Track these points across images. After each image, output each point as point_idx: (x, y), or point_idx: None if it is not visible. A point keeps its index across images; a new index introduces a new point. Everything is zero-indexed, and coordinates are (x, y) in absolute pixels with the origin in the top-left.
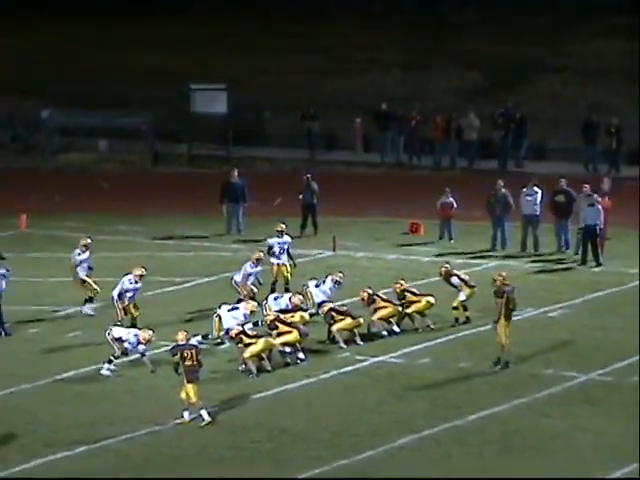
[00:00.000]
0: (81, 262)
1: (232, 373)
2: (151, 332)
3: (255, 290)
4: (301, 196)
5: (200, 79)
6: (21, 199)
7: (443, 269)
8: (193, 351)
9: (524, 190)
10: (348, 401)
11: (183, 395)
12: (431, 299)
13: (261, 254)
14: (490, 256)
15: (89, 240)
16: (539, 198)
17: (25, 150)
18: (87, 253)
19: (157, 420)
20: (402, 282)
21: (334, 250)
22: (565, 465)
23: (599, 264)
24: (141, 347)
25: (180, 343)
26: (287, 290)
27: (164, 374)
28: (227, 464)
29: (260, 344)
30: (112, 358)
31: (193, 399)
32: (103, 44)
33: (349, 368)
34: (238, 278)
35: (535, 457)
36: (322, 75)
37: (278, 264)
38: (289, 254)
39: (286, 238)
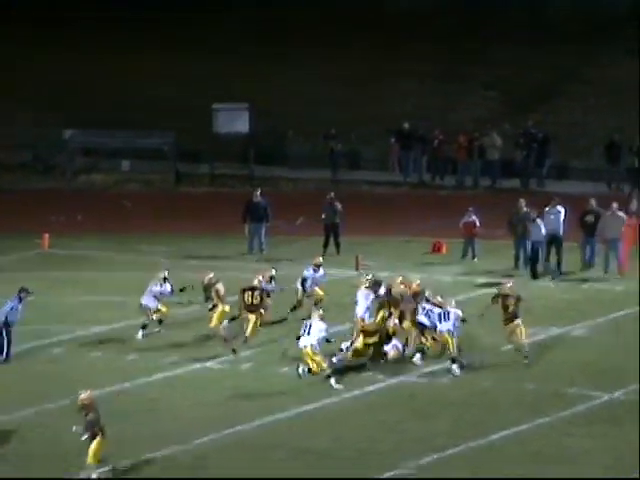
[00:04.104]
0: (161, 294)
1: (255, 392)
2: None
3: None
4: (324, 215)
5: (222, 99)
6: (44, 219)
7: (414, 287)
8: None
9: (547, 209)
10: (371, 420)
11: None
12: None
13: (273, 271)
14: (513, 275)
15: (166, 272)
16: (562, 217)
17: (47, 170)
18: (165, 286)
19: (177, 440)
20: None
21: (357, 269)
22: None
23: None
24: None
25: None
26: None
27: (185, 393)
28: None
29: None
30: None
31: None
32: (126, 64)
33: (371, 388)
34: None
35: (558, 476)
36: (345, 94)
37: (304, 293)
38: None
39: (321, 272)
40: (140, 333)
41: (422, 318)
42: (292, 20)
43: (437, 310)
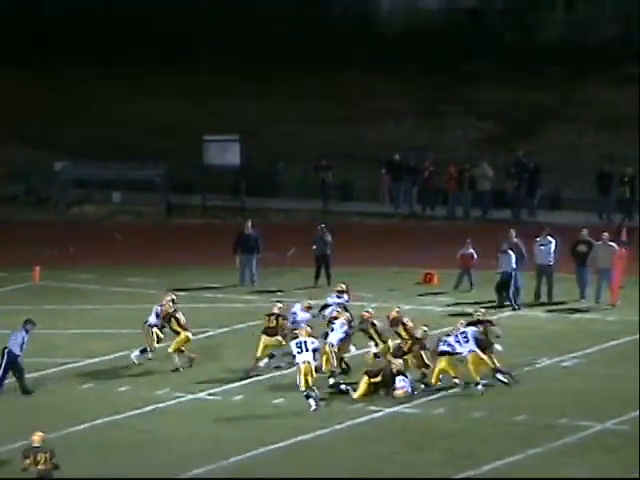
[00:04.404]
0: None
1: (248, 423)
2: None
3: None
4: (314, 247)
5: (213, 130)
6: (35, 251)
7: (393, 313)
8: (47, 454)
9: (537, 240)
10: (363, 451)
11: None
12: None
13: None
14: (504, 305)
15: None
16: (553, 247)
17: (39, 202)
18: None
19: (170, 472)
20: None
21: (348, 301)
22: None
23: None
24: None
25: (35, 445)
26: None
27: (177, 424)
28: None
29: None
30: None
31: None
32: (117, 95)
33: (363, 419)
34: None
35: None
36: (335, 125)
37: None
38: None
39: (345, 297)
40: (136, 354)
41: (444, 347)
42: (277, 56)
43: (451, 338)
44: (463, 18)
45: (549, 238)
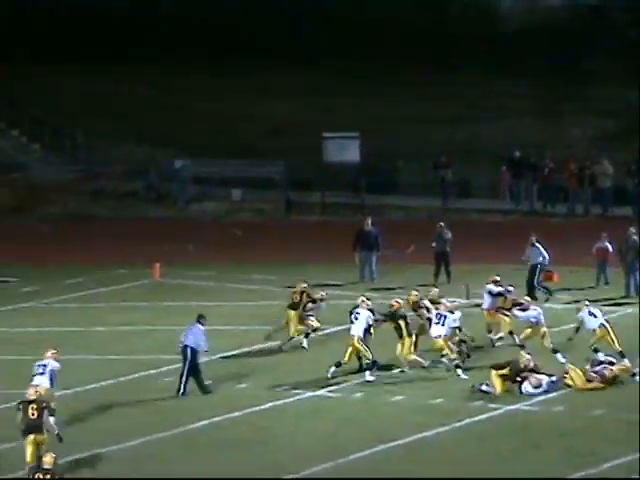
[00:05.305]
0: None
1: (367, 421)
2: None
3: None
4: (434, 244)
5: (332, 128)
6: (154, 248)
7: (412, 297)
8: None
9: None
10: (483, 449)
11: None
12: None
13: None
14: (625, 303)
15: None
16: None
17: (159, 199)
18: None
19: (289, 469)
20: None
21: (467, 298)
22: None
23: None
24: None
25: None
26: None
27: (296, 422)
28: None
29: None
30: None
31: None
32: (234, 94)
33: (483, 416)
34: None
35: None
36: (454, 123)
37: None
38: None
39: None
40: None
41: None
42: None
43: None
44: (584, 15)
45: None
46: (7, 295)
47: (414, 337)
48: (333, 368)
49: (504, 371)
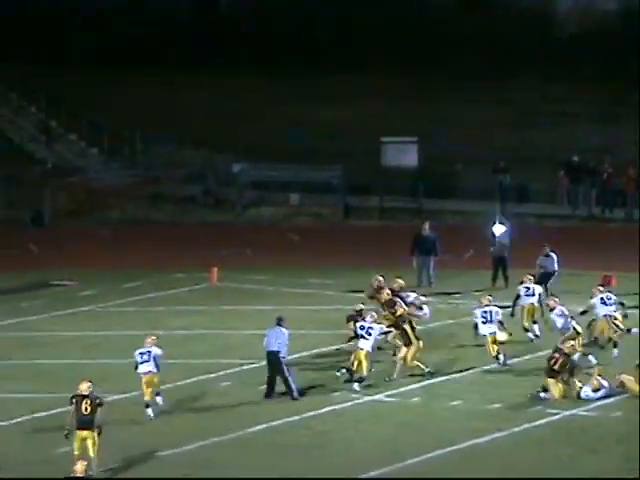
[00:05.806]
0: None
1: (425, 426)
2: None
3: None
4: (492, 249)
5: (390, 132)
6: (213, 252)
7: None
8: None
9: None
10: (540, 455)
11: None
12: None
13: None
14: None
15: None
16: None
17: (217, 204)
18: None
19: (348, 473)
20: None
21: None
22: None
23: None
24: None
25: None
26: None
27: (354, 426)
28: None
29: None
30: None
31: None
32: (291, 99)
33: (541, 421)
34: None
35: None
36: (511, 128)
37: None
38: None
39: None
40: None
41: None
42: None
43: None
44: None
45: None
46: (66, 298)
47: (420, 342)
48: (356, 384)
49: (556, 366)
